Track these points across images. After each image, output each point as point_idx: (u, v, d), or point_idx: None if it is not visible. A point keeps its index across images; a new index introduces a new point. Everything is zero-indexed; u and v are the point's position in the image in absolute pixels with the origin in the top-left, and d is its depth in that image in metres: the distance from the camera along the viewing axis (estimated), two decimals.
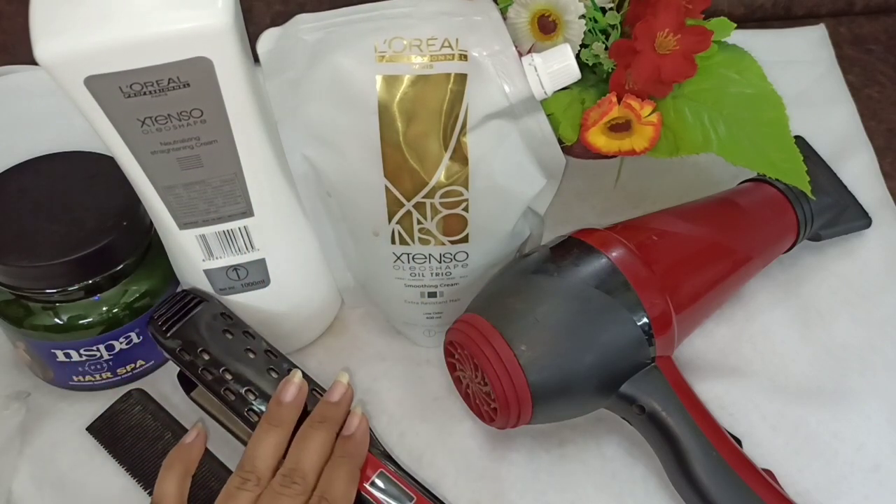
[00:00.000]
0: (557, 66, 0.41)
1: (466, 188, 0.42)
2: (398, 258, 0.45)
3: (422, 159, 0.41)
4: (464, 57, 0.40)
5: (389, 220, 0.43)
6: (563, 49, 0.42)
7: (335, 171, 0.44)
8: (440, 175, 0.41)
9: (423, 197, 0.42)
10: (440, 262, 0.45)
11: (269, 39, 0.42)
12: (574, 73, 0.42)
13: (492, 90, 0.41)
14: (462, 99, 0.40)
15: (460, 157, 0.41)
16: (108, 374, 0.49)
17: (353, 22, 0.41)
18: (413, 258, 0.45)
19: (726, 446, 0.44)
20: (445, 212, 0.42)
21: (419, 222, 0.43)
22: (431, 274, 0.46)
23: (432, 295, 0.47)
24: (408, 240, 0.44)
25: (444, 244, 0.44)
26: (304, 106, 0.42)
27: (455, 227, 0.43)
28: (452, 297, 0.48)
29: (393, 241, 0.44)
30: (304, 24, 0.41)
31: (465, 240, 0.44)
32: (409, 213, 0.42)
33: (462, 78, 0.40)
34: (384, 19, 0.40)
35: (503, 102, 0.41)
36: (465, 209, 0.42)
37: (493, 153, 0.42)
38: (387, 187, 0.42)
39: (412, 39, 0.40)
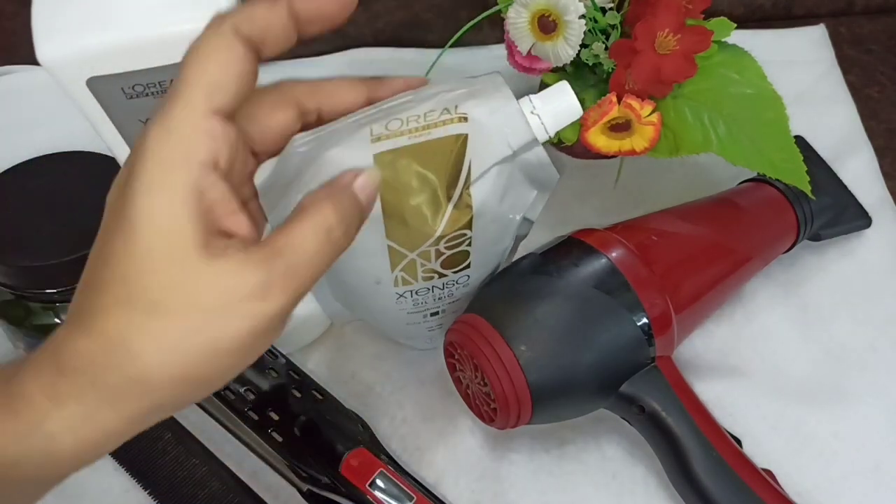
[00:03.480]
0: (558, 107, 0.40)
1: (470, 229, 0.41)
2: (401, 296, 0.44)
3: (425, 218, 0.39)
4: (463, 119, 0.38)
5: (392, 270, 0.42)
6: (562, 87, 0.41)
7: None
8: (444, 227, 0.40)
9: (428, 246, 0.40)
10: (443, 289, 0.44)
11: (265, 170, 0.37)
12: (576, 110, 0.41)
13: (494, 144, 0.39)
14: (464, 158, 0.39)
15: (464, 206, 0.40)
16: None
17: (349, 120, 0.37)
18: (416, 293, 0.44)
19: (726, 446, 0.44)
20: (449, 252, 0.41)
21: (423, 265, 0.42)
22: (434, 300, 0.45)
23: (434, 314, 0.47)
24: (411, 281, 0.43)
25: (447, 275, 0.43)
26: (295, 196, 0.37)
27: (458, 261, 0.43)
28: (454, 310, 0.48)
29: (396, 285, 0.43)
30: (299, 140, 0.37)
31: (467, 267, 0.43)
32: (412, 261, 0.41)
33: (462, 139, 0.39)
34: (380, 111, 0.38)
35: (506, 152, 0.39)
36: (469, 244, 0.42)
37: (495, 195, 0.41)
38: (389, 247, 0.41)
39: (409, 116, 0.38)
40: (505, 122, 0.39)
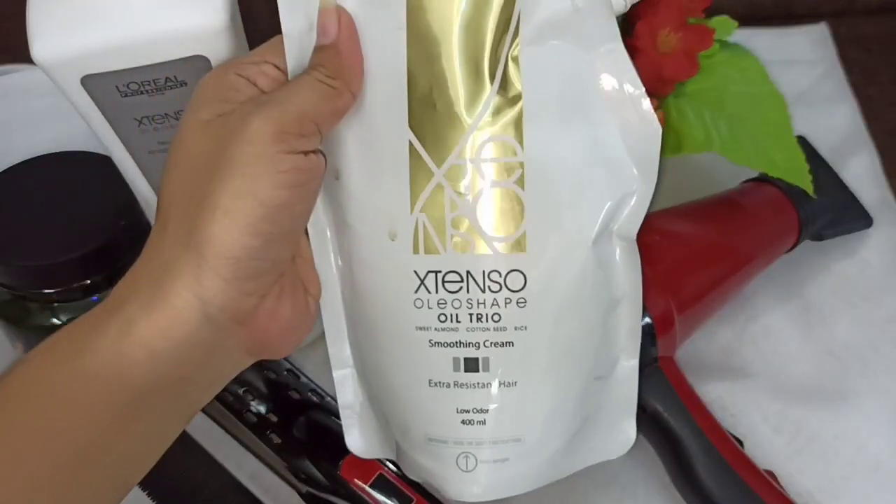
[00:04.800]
0: None
1: (521, 142, 0.31)
2: (422, 282, 0.32)
3: (460, 94, 0.31)
4: None
5: (412, 206, 0.32)
6: None
7: (349, 130, 0.33)
8: (485, 115, 0.31)
9: (460, 156, 0.31)
10: (483, 291, 0.32)
11: None
12: None
13: None
14: (513, 6, 0.30)
15: (511, 90, 0.31)
16: None
17: None
18: (443, 280, 0.32)
19: (728, 447, 0.43)
20: (491, 185, 0.31)
21: (453, 206, 0.31)
22: (471, 317, 0.32)
23: (472, 365, 0.33)
24: (437, 242, 0.32)
25: (489, 252, 0.31)
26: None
27: (506, 216, 0.31)
28: (505, 378, 0.33)
29: (416, 248, 0.32)
30: None
31: (520, 246, 0.31)
32: (439, 188, 0.31)
33: None
34: None
35: (566, 4, 0.30)
36: (520, 182, 0.31)
37: (556, 89, 0.31)
38: (411, 146, 0.31)
39: None
40: None
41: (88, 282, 0.45)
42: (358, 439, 0.38)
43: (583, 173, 0.32)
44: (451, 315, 0.32)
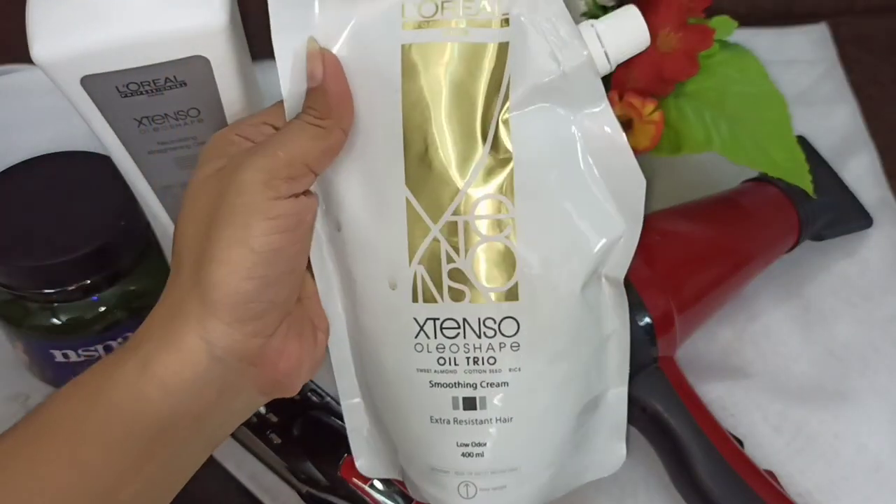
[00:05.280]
0: (624, 30, 0.34)
1: (511, 199, 0.33)
2: (421, 328, 0.34)
3: (452, 156, 0.33)
4: (505, 22, 0.32)
5: (410, 259, 0.33)
6: (629, 10, 0.34)
7: (349, 185, 0.35)
8: (476, 176, 0.33)
9: (454, 213, 0.33)
10: (479, 336, 0.34)
11: None
12: (644, 37, 0.34)
13: (539, 57, 0.33)
14: (503, 72, 0.33)
15: (502, 151, 0.33)
16: None
17: None
18: (441, 327, 0.34)
19: (728, 447, 0.43)
20: (484, 240, 0.33)
21: (449, 259, 0.33)
22: (468, 361, 0.34)
23: (470, 404, 0.35)
24: (434, 292, 0.33)
25: (483, 301, 0.33)
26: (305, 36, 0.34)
27: (499, 268, 0.33)
28: (501, 414, 0.35)
29: (415, 297, 0.34)
30: None
31: (513, 294, 0.33)
32: (435, 243, 0.33)
33: (503, 47, 0.32)
34: None
35: (553, 69, 0.32)
36: (512, 236, 0.33)
37: (544, 149, 0.33)
38: (408, 202, 0.33)
39: (446, 2, 0.32)
40: (554, 28, 0.32)
41: (88, 282, 0.45)
42: (365, 461, 0.40)
43: (572, 226, 0.34)
44: (450, 359, 0.34)
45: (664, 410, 0.44)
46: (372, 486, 0.42)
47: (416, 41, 0.32)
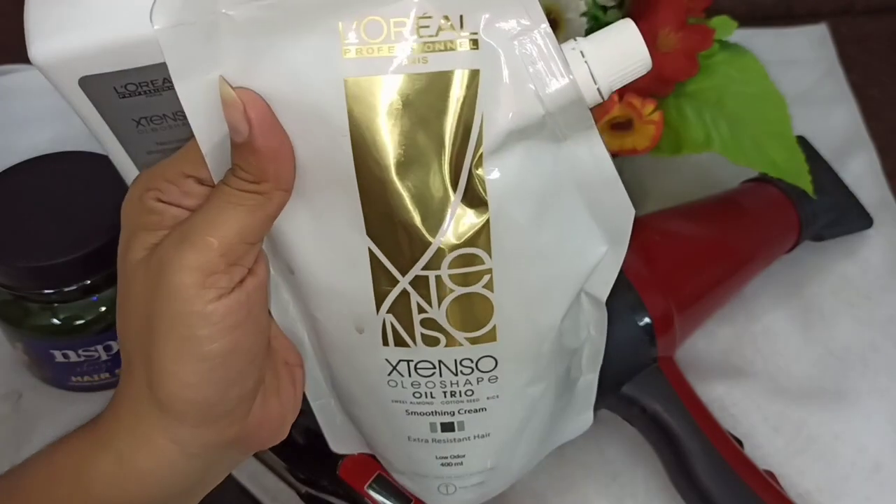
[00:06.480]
0: (617, 52, 0.28)
1: (488, 251, 0.29)
2: (394, 368, 0.31)
3: (419, 207, 0.28)
4: (474, 43, 0.27)
5: (378, 308, 0.30)
6: (625, 25, 0.29)
7: (298, 229, 0.30)
8: (448, 230, 0.28)
9: (425, 268, 0.29)
10: (456, 374, 0.31)
11: (166, 11, 0.28)
12: (644, 60, 0.29)
13: (517, 91, 0.27)
14: (474, 108, 0.27)
15: (476, 200, 0.28)
16: (107, 375, 0.49)
17: None
18: (416, 368, 0.31)
19: (728, 447, 0.43)
20: (459, 291, 0.29)
21: (421, 309, 0.30)
22: (445, 394, 0.32)
23: (448, 427, 0.33)
24: (406, 338, 0.30)
25: (460, 344, 0.30)
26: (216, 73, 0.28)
27: (475, 316, 0.30)
28: (479, 432, 0.34)
29: (385, 342, 0.30)
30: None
31: (491, 336, 0.31)
32: (405, 294, 0.29)
33: (473, 76, 0.27)
34: None
35: (536, 110, 0.28)
36: (489, 286, 0.29)
37: (524, 194, 0.29)
38: (371, 252, 0.29)
39: (395, 20, 0.26)
40: (534, 55, 0.27)
41: (88, 282, 0.45)
42: (338, 443, 0.40)
43: (553, 266, 0.31)
44: (426, 393, 0.32)
45: (664, 410, 0.44)
46: (371, 487, 0.42)
47: (362, 74, 0.27)
